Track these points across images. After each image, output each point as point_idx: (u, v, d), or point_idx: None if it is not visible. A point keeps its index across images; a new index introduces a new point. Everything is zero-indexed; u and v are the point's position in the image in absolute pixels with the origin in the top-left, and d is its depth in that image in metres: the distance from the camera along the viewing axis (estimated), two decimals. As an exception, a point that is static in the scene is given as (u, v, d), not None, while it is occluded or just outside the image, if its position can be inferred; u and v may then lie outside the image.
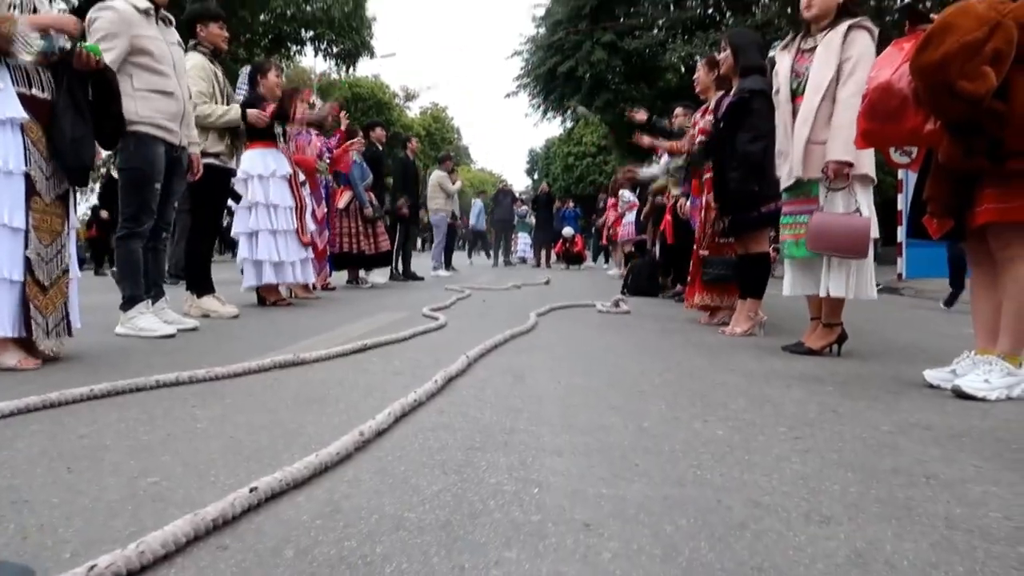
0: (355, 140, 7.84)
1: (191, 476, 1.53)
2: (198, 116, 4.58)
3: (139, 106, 3.67)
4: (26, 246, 2.75)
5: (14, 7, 2.70)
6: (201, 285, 4.86)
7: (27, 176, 2.75)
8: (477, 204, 19.05)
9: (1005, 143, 2.32)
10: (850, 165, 3.23)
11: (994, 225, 2.50)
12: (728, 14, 19.96)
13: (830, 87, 3.31)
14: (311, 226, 6.09)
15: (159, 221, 3.97)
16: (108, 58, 3.36)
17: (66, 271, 2.95)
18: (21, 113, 2.71)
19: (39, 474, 1.53)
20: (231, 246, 10.33)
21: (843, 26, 3.30)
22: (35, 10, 2.79)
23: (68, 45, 2.81)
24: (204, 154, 4.63)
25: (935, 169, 2.61)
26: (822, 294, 3.41)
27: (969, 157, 2.41)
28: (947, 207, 2.62)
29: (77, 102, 2.86)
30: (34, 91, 2.78)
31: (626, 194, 11.70)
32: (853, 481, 1.57)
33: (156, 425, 1.95)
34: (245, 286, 5.57)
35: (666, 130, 5.76)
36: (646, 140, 5.99)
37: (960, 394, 2.50)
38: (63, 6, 15.18)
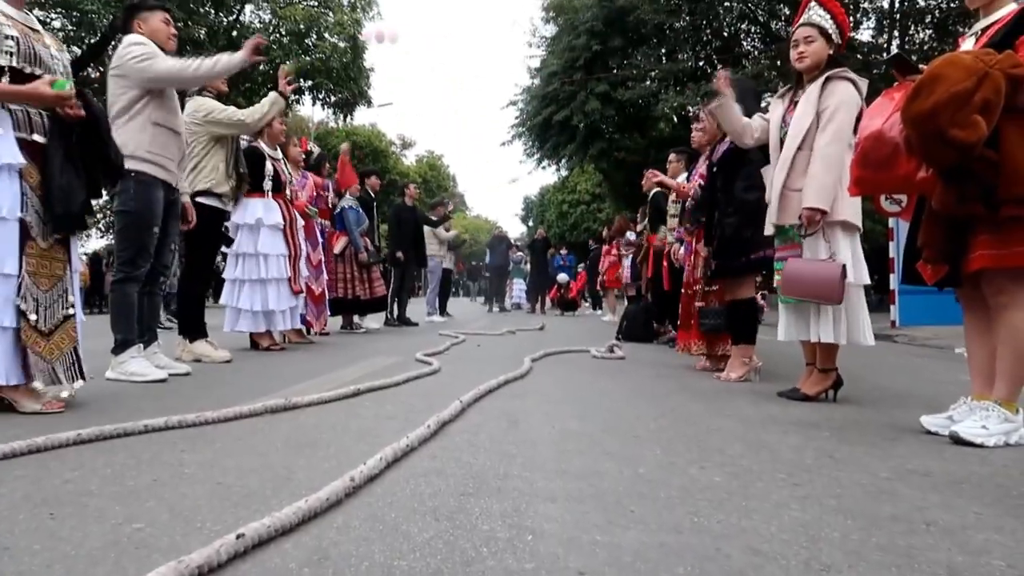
0: (345, 149, 7.91)
1: (177, 522, 1.49)
2: (248, 119, 4.78)
3: (150, 141, 3.78)
4: (18, 292, 2.72)
5: (11, 54, 2.71)
6: (194, 329, 4.83)
7: (22, 221, 2.73)
8: (517, 255, 18.66)
9: (998, 190, 2.35)
10: (823, 212, 3.28)
11: (988, 271, 2.51)
12: (719, 66, 20.39)
13: (808, 136, 3.38)
14: (304, 272, 6.09)
15: (156, 264, 3.97)
16: (166, 63, 3.76)
17: (71, 315, 2.91)
18: (19, 159, 2.69)
19: (21, 520, 1.49)
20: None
21: (823, 77, 3.38)
22: (35, 54, 2.80)
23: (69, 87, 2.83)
24: (208, 193, 4.73)
25: (928, 215, 2.63)
26: (812, 339, 3.42)
27: (962, 203, 2.44)
28: (942, 253, 2.64)
29: (67, 148, 2.83)
30: (35, 136, 2.78)
31: (630, 235, 11.70)
32: (853, 528, 1.54)
33: (143, 470, 1.91)
34: (225, 329, 5.63)
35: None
36: (654, 179, 5.81)
37: (958, 440, 2.48)
38: (68, 56, 15.41)
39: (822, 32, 3.43)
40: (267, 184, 5.57)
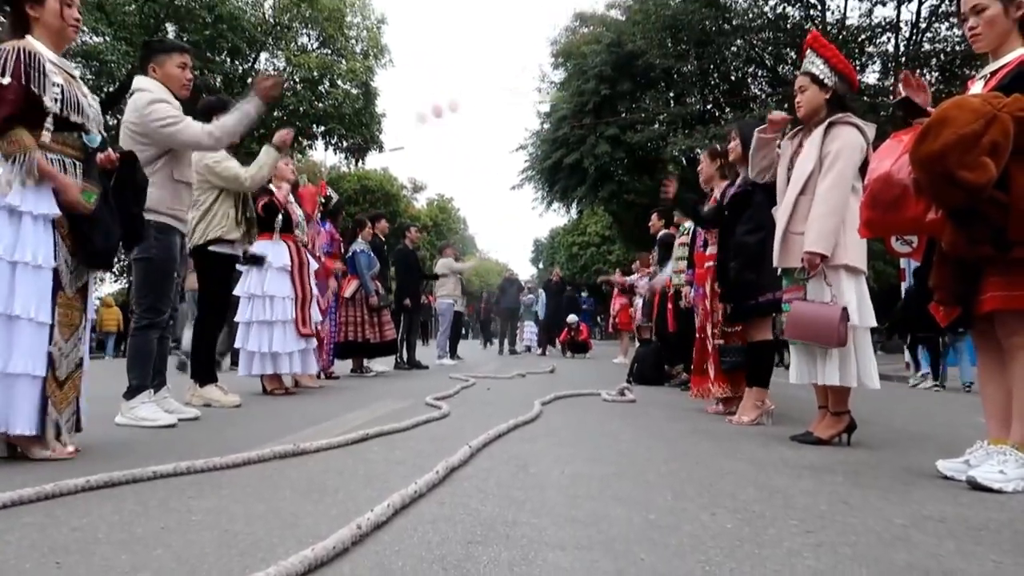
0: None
1: (183, 570, 1.48)
2: (245, 177, 4.70)
3: (171, 198, 3.85)
4: (50, 341, 2.74)
5: (58, 101, 2.76)
6: (204, 374, 4.84)
7: (55, 271, 2.76)
8: (541, 295, 18.45)
9: (1008, 232, 2.35)
10: (823, 256, 3.30)
11: (1000, 313, 2.50)
12: (727, 109, 20.64)
13: (810, 181, 3.42)
14: (317, 316, 6.05)
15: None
16: (193, 131, 3.82)
17: (80, 365, 2.91)
18: (55, 210, 2.73)
19: (28, 569, 1.49)
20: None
21: (826, 122, 3.42)
22: (77, 102, 2.84)
23: (98, 140, 2.92)
24: (220, 241, 4.74)
25: (939, 257, 2.63)
26: (819, 382, 3.40)
27: (972, 245, 2.44)
28: (953, 294, 2.63)
29: (104, 191, 2.89)
30: None
31: (637, 279, 11.66)
32: (867, 577, 1.51)
33: (151, 517, 1.91)
34: (240, 374, 5.64)
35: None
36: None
37: (975, 485, 2.43)
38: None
39: (814, 79, 3.50)
40: (278, 223, 5.60)
